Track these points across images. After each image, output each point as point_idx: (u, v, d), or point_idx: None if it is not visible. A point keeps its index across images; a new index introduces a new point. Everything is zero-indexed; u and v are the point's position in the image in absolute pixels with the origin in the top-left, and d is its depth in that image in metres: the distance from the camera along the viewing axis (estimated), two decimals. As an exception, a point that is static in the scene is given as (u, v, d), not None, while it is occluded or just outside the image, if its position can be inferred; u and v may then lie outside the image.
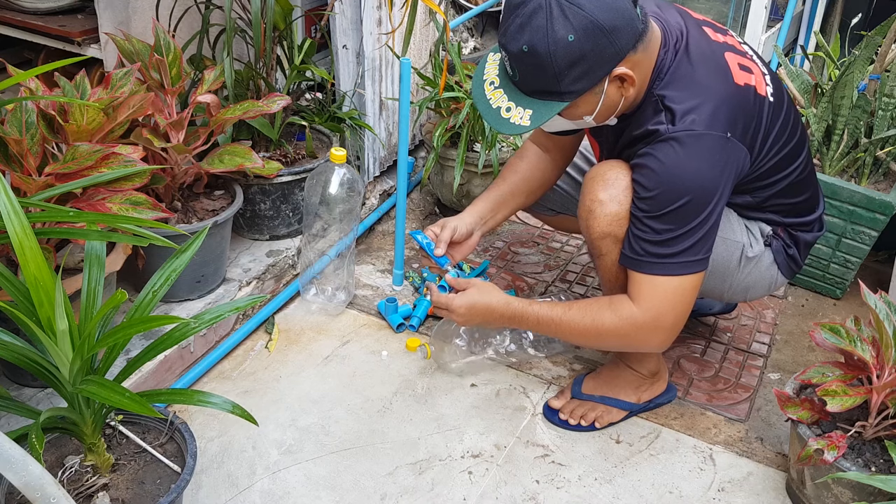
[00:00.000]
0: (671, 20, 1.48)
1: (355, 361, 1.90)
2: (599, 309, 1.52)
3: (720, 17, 3.38)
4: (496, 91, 1.43)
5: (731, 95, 1.44)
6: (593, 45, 1.32)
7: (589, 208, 1.51)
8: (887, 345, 1.43)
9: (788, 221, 1.65)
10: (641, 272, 1.46)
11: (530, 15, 1.32)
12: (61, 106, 1.52)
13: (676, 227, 1.42)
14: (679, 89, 1.42)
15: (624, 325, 1.49)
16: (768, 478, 1.65)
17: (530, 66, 1.35)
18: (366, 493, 1.55)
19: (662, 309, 1.47)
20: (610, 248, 1.52)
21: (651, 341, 1.52)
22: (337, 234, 2.02)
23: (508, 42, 1.36)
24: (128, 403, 1.12)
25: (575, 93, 1.38)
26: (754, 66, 1.52)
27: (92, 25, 1.93)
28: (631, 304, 1.48)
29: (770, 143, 1.51)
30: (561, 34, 1.31)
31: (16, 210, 1.14)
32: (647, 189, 1.43)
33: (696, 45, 1.46)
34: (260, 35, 1.87)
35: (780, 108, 1.54)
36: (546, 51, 1.32)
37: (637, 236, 1.45)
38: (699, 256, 1.44)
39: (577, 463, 1.66)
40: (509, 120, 1.41)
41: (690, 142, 1.39)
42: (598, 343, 1.62)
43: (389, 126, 2.50)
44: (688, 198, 1.39)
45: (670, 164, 1.40)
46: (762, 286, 1.70)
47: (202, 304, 1.88)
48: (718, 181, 1.42)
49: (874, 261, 2.35)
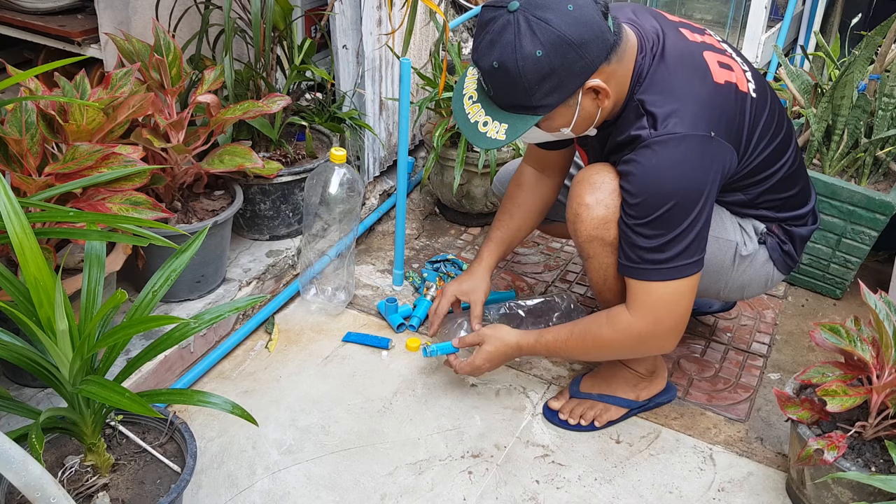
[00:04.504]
0: (646, 25, 1.49)
1: (355, 361, 1.90)
2: (598, 326, 1.54)
3: (720, 17, 3.39)
4: (474, 105, 1.44)
5: (712, 95, 1.44)
6: (562, 60, 1.33)
7: (576, 212, 1.52)
8: (887, 345, 1.43)
9: (782, 216, 1.65)
10: (638, 279, 1.47)
11: (499, 31, 1.34)
12: (61, 106, 1.52)
13: (666, 231, 1.42)
14: (659, 93, 1.42)
15: (623, 337, 1.51)
16: (768, 478, 1.65)
17: (502, 81, 1.36)
18: (366, 493, 1.56)
19: (659, 314, 1.47)
20: (598, 251, 1.52)
21: (654, 346, 1.53)
22: (337, 234, 2.02)
23: (480, 58, 1.37)
24: (128, 403, 1.12)
25: (548, 106, 1.39)
26: (734, 63, 1.52)
27: (92, 25, 1.94)
28: (627, 314, 1.49)
29: (756, 139, 1.51)
30: (529, 50, 1.32)
31: (16, 210, 1.14)
32: (633, 195, 1.43)
33: (673, 48, 1.47)
34: (260, 35, 1.87)
35: (764, 103, 1.54)
36: (515, 66, 1.33)
37: (631, 244, 1.46)
38: (693, 259, 1.45)
39: (577, 463, 1.66)
40: (486, 134, 1.42)
41: (673, 145, 1.39)
42: (607, 356, 1.64)
43: (389, 126, 2.50)
44: (673, 201, 1.40)
45: (653, 169, 1.40)
46: (758, 284, 1.70)
47: (202, 304, 1.88)
48: (704, 182, 1.42)
49: (874, 261, 2.35)
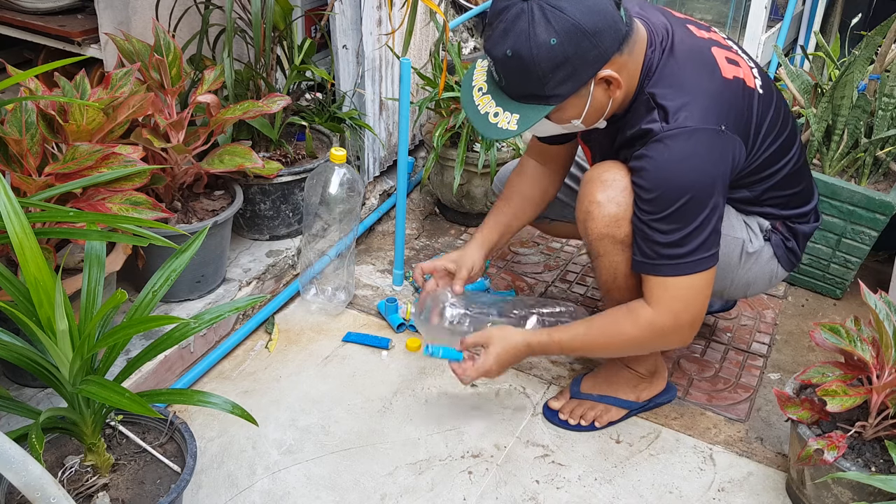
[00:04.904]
0: (655, 20, 1.49)
1: (355, 361, 1.90)
2: (618, 320, 1.52)
3: (720, 17, 3.39)
4: (484, 97, 1.44)
5: (722, 89, 1.45)
6: (576, 48, 1.33)
7: (587, 210, 1.51)
8: (887, 345, 1.43)
9: (786, 214, 1.65)
10: (656, 276, 1.46)
11: (513, 20, 1.33)
12: (61, 106, 1.52)
13: (683, 225, 1.42)
14: (669, 87, 1.43)
15: (645, 332, 1.49)
16: (768, 478, 1.65)
17: (515, 70, 1.36)
18: (366, 493, 1.56)
19: (678, 309, 1.47)
20: (608, 249, 1.52)
21: (673, 341, 1.53)
22: (337, 234, 2.02)
23: (493, 47, 1.37)
24: (128, 403, 1.12)
25: (560, 96, 1.39)
26: (741, 59, 1.53)
27: (92, 25, 1.93)
28: (647, 308, 1.48)
29: (763, 134, 1.51)
30: (543, 38, 1.31)
31: (16, 210, 1.14)
32: (647, 191, 1.43)
33: (681, 43, 1.47)
34: (260, 35, 1.87)
35: (770, 100, 1.54)
36: (529, 55, 1.33)
37: (647, 240, 1.45)
38: (711, 252, 1.45)
39: (577, 463, 1.66)
40: (497, 125, 1.41)
41: (685, 138, 1.40)
42: (622, 352, 1.63)
43: (389, 126, 2.50)
44: (689, 195, 1.40)
45: (667, 163, 1.40)
46: (763, 280, 1.70)
47: (202, 304, 1.88)
48: (716, 175, 1.42)
49: (874, 261, 2.35)
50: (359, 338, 1.96)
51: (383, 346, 1.93)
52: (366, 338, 1.96)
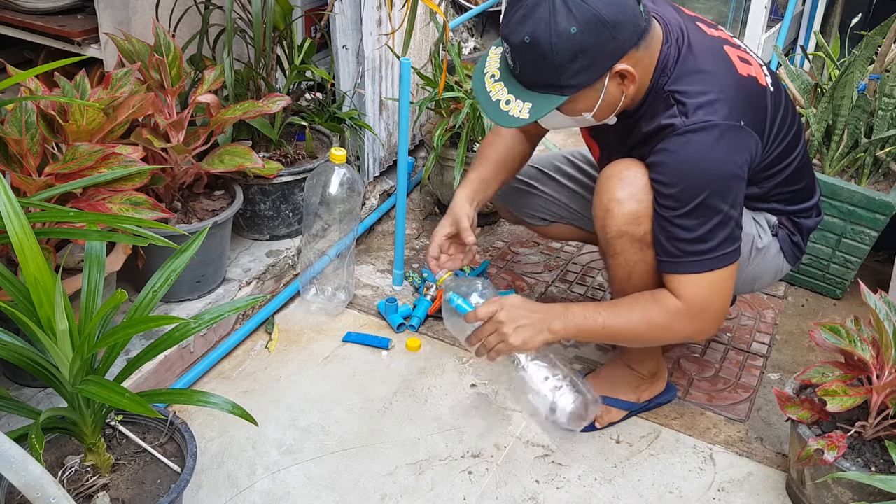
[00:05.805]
0: (668, 16, 1.49)
1: (355, 361, 1.90)
2: (645, 305, 1.49)
3: (720, 17, 3.39)
4: (496, 84, 1.42)
5: (739, 86, 1.45)
6: (596, 39, 1.32)
7: (606, 207, 1.50)
8: (887, 345, 1.43)
9: (791, 209, 1.66)
10: (682, 274, 1.45)
11: (533, 6, 1.32)
12: (61, 106, 1.52)
13: (707, 219, 1.41)
14: (689, 83, 1.43)
15: (673, 321, 1.47)
16: (768, 478, 1.65)
17: (531, 57, 1.35)
18: (366, 493, 1.56)
19: (707, 302, 1.46)
20: (625, 247, 1.51)
21: (702, 332, 1.51)
22: (337, 234, 2.02)
23: (511, 33, 1.36)
24: (128, 403, 1.12)
25: (575, 87, 1.37)
26: (751, 58, 1.54)
27: (92, 25, 1.93)
28: (674, 298, 1.47)
29: (775, 131, 1.52)
30: (563, 26, 1.30)
31: (16, 210, 1.14)
32: (668, 186, 1.42)
33: (696, 40, 1.47)
34: (260, 35, 1.87)
35: (780, 98, 1.55)
36: (548, 42, 1.31)
37: (670, 237, 1.44)
38: (734, 246, 1.45)
39: (577, 463, 1.66)
40: (508, 112, 1.40)
41: (705, 133, 1.39)
42: (644, 340, 1.58)
43: (389, 126, 2.50)
44: (711, 188, 1.39)
45: (689, 157, 1.40)
46: (769, 275, 1.70)
47: (202, 304, 1.88)
48: (737, 169, 1.42)
49: (874, 261, 2.34)
50: (359, 338, 1.96)
51: (383, 346, 1.93)
52: (366, 338, 1.96)
